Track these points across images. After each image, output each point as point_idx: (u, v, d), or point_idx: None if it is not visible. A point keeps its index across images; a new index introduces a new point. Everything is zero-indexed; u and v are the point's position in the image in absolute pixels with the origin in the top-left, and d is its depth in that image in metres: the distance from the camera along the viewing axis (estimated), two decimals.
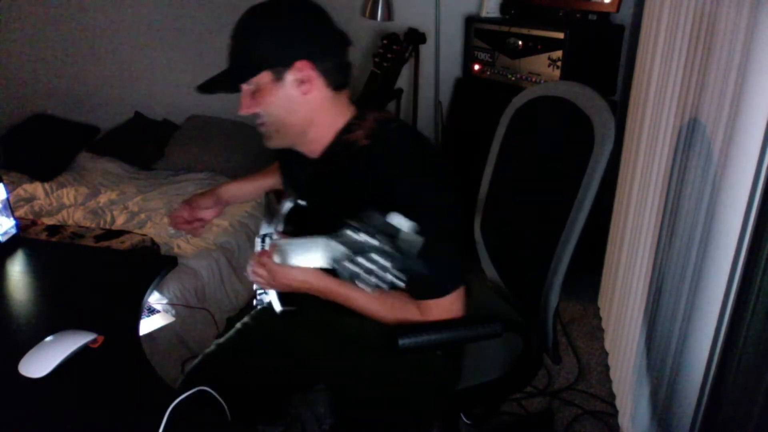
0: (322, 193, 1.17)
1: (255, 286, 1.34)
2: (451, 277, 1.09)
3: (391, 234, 0.85)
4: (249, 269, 1.13)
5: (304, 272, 1.07)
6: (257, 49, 1.07)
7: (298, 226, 1.17)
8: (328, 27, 1.10)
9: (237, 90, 1.12)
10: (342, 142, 1.12)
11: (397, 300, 1.10)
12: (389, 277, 0.86)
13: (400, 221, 0.86)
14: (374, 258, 0.85)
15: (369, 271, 0.86)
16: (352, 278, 0.87)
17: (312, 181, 1.19)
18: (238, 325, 1.36)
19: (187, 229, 1.41)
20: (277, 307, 1.20)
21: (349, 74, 1.14)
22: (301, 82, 1.07)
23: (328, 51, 1.09)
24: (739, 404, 1.10)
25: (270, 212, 1.32)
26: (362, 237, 0.85)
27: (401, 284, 0.86)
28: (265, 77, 1.08)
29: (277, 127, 1.13)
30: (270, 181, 1.49)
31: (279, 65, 1.07)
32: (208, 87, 1.11)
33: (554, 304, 1.20)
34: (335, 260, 0.88)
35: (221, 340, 1.34)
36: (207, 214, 1.43)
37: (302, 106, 1.10)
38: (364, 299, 1.10)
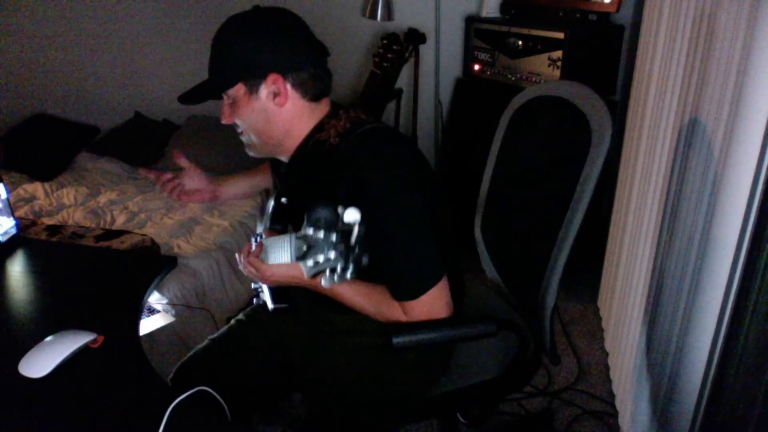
0: (295, 190, 1.18)
1: (253, 285, 1.35)
2: (424, 277, 1.08)
3: (343, 229, 0.85)
4: (240, 266, 1.14)
5: (290, 267, 1.07)
6: (231, 61, 1.08)
7: (285, 224, 1.19)
8: (304, 38, 1.10)
9: (219, 98, 1.14)
10: (313, 140, 1.13)
11: (383, 297, 1.10)
12: (345, 271, 0.86)
13: (353, 214, 0.86)
14: (328, 252, 0.85)
15: (325, 265, 0.86)
16: (312, 273, 0.88)
17: (285, 179, 1.22)
18: (232, 321, 1.37)
19: (164, 186, 1.40)
20: (270, 304, 1.21)
21: (328, 83, 1.15)
22: (275, 94, 1.09)
23: (303, 63, 1.09)
24: (739, 404, 1.10)
25: (262, 211, 1.33)
26: (319, 233, 0.86)
27: (348, 276, 0.86)
28: (239, 89, 1.09)
29: (256, 137, 1.14)
30: (265, 180, 1.49)
31: (252, 78, 1.08)
32: (188, 98, 1.13)
33: (551, 304, 1.19)
34: (298, 257, 0.89)
35: (214, 335, 1.34)
36: (193, 187, 1.42)
37: (278, 117, 1.11)
38: (349, 293, 1.11)
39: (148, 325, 1.87)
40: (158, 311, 1.94)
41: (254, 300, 1.37)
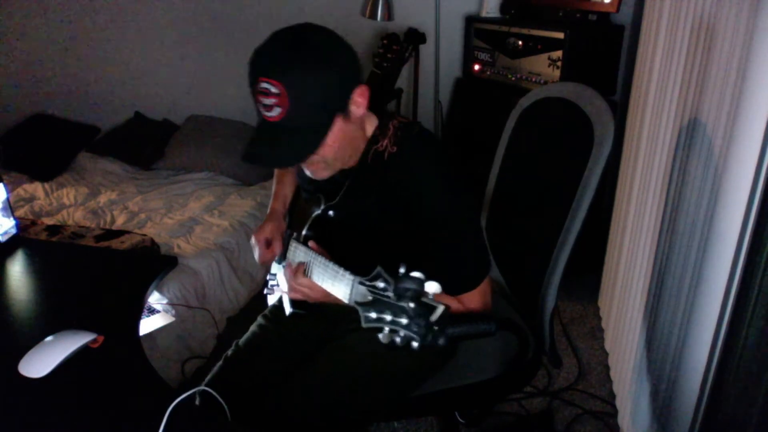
0: (355, 202, 1.16)
1: (269, 276, 1.35)
2: (481, 268, 1.13)
3: (422, 301, 0.82)
4: (283, 287, 1.14)
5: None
6: (321, 98, 0.98)
7: (320, 234, 1.18)
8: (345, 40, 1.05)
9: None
10: (373, 151, 1.12)
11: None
12: (407, 335, 0.83)
13: (433, 287, 0.84)
14: (396, 318, 0.83)
15: (388, 325, 0.84)
16: (369, 325, 0.86)
17: (347, 190, 1.17)
18: (254, 327, 1.35)
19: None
20: (288, 308, 1.22)
21: None
22: (358, 105, 1.04)
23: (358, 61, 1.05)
24: (739, 404, 1.10)
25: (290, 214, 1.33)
26: (391, 294, 0.84)
27: (415, 345, 0.82)
28: (336, 123, 1.02)
29: (333, 160, 1.08)
30: (293, 179, 1.44)
31: (344, 103, 1.02)
32: (272, 161, 1.09)
33: (551, 306, 1.19)
34: (357, 303, 0.89)
35: (241, 340, 1.33)
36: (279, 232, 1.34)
37: (358, 127, 1.09)
38: None
39: (148, 325, 1.87)
40: (158, 311, 1.94)
41: (265, 290, 1.36)
